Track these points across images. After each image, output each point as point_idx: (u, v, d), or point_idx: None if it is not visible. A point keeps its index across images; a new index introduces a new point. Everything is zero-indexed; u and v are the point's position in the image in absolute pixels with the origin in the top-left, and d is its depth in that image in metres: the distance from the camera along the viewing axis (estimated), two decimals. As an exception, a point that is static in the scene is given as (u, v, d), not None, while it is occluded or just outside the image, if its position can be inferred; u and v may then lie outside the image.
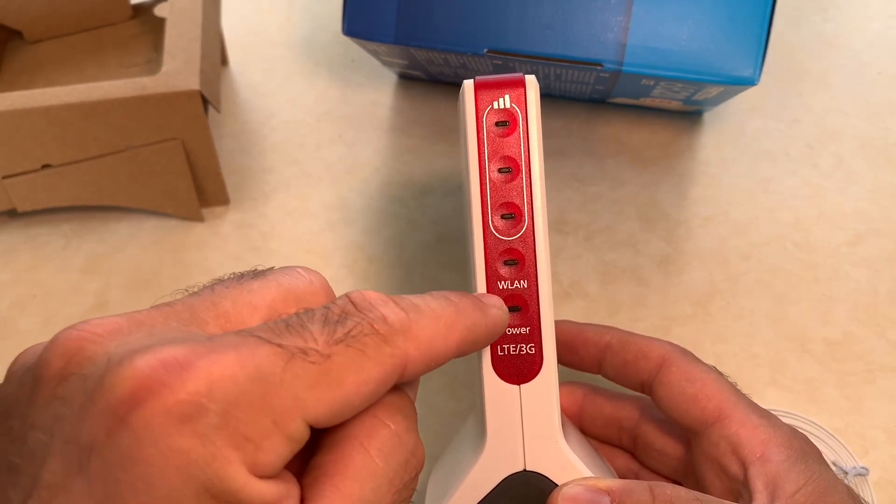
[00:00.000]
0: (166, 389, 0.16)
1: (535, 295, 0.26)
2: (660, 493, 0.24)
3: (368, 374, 0.19)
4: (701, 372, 0.29)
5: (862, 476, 0.35)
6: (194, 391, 0.16)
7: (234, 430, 0.17)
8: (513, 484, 0.27)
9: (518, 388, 0.26)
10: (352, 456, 0.19)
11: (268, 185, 0.48)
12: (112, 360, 0.17)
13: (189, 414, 0.16)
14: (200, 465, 0.16)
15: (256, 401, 0.17)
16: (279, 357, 0.18)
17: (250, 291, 0.20)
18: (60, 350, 0.18)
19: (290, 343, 0.18)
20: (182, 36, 0.44)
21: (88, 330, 0.18)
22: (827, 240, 0.44)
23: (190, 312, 0.19)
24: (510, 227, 0.26)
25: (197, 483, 0.16)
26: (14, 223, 0.47)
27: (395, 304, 0.20)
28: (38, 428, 0.17)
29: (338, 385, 0.18)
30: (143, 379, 0.16)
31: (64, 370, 0.18)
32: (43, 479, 0.17)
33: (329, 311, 0.19)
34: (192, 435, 0.16)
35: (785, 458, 0.26)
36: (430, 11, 0.41)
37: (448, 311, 0.21)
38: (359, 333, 0.19)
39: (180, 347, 0.17)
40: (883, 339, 0.40)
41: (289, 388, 0.17)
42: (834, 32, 0.56)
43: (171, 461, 0.16)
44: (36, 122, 0.41)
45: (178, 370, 0.17)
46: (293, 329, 0.18)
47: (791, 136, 0.50)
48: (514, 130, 0.26)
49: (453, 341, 0.21)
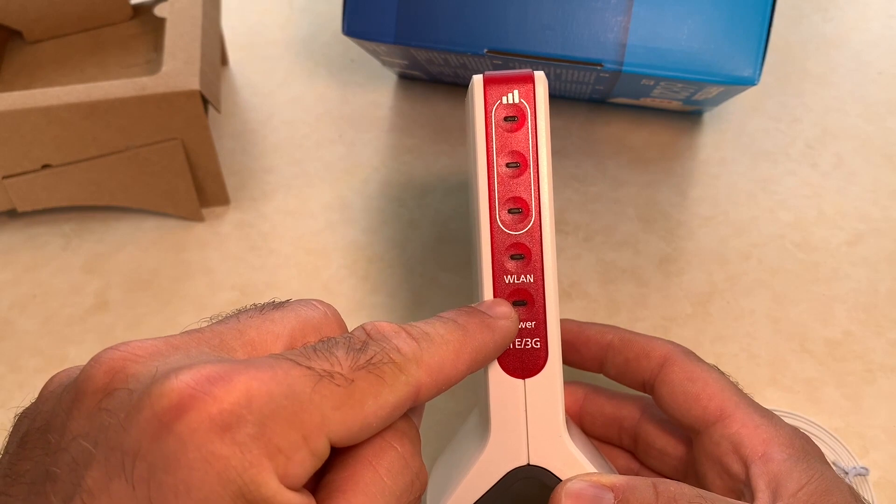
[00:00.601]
0: (210, 399, 0.18)
1: (541, 289, 0.26)
2: (663, 489, 0.24)
3: (386, 399, 0.20)
4: (703, 371, 0.29)
5: (862, 476, 0.35)
6: (235, 402, 0.18)
7: (268, 441, 0.18)
8: (516, 478, 0.27)
9: (523, 382, 0.27)
10: (362, 474, 0.20)
11: (268, 185, 0.48)
12: (157, 375, 0.18)
13: (230, 423, 0.18)
14: (238, 471, 0.17)
15: (289, 416, 0.18)
16: (309, 378, 0.19)
17: (272, 321, 0.22)
18: (105, 367, 0.19)
19: (319, 366, 0.19)
20: (182, 36, 0.44)
21: (130, 351, 0.20)
22: (827, 240, 0.44)
23: (219, 339, 0.21)
24: (517, 222, 0.26)
25: (234, 488, 0.17)
26: (14, 223, 0.47)
27: (406, 334, 0.22)
28: (83, 437, 0.18)
29: (359, 407, 0.20)
30: (188, 390, 0.18)
31: (109, 385, 0.19)
32: (85, 484, 0.18)
33: (351, 340, 0.21)
34: (231, 443, 0.17)
35: (787, 457, 0.26)
36: (430, 11, 0.41)
37: (456, 336, 0.23)
38: (378, 361, 0.20)
39: (220, 365, 0.18)
40: (883, 339, 0.40)
41: (317, 407, 0.19)
42: (834, 32, 0.56)
43: (213, 466, 0.17)
44: (36, 122, 0.40)
45: (221, 383, 0.18)
46: (320, 354, 0.20)
47: (791, 136, 0.50)
48: (523, 125, 0.26)
49: (462, 364, 0.23)
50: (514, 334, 0.26)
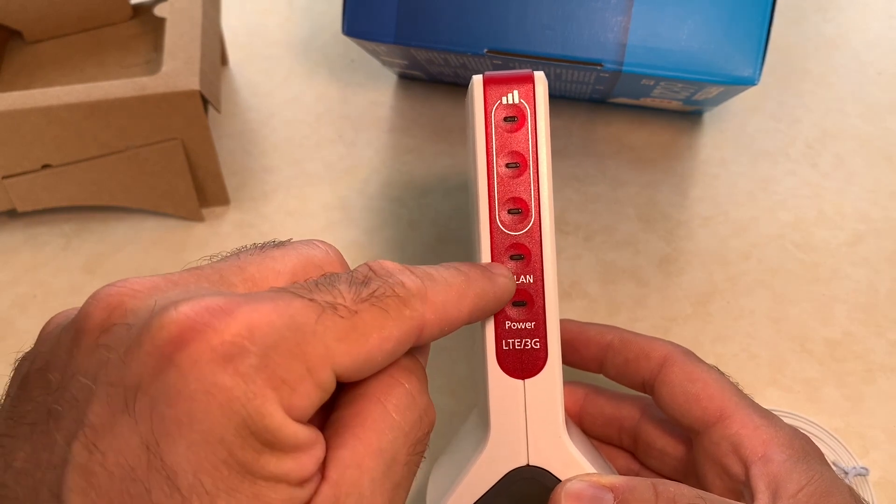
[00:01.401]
0: (211, 330, 0.17)
1: (540, 290, 0.26)
2: (663, 490, 0.24)
3: (390, 332, 0.20)
4: (702, 372, 0.29)
5: (862, 476, 0.35)
6: (237, 333, 0.17)
7: (272, 372, 0.17)
8: (516, 479, 0.27)
9: (522, 382, 0.27)
10: (370, 410, 0.20)
11: (268, 185, 0.48)
12: (156, 309, 0.18)
13: (232, 354, 0.17)
14: (242, 402, 0.17)
15: (292, 347, 0.18)
16: (312, 310, 0.19)
17: (273, 258, 0.21)
18: (102, 304, 0.19)
19: (321, 298, 0.19)
20: (182, 36, 0.44)
21: (128, 286, 0.19)
22: (827, 240, 0.44)
23: (219, 275, 0.21)
24: (517, 223, 0.26)
25: (238, 418, 0.17)
26: (14, 223, 0.47)
27: (410, 272, 0.22)
28: (82, 374, 0.18)
29: (364, 340, 0.19)
30: (189, 321, 0.17)
31: (107, 321, 0.19)
32: (88, 419, 0.17)
33: (354, 274, 0.21)
34: (234, 374, 0.17)
35: (787, 458, 0.26)
36: (430, 11, 0.41)
37: (459, 280, 0.23)
38: (382, 295, 0.20)
39: (220, 298, 0.18)
40: (883, 339, 0.40)
41: (321, 339, 0.18)
42: (834, 32, 0.56)
43: (215, 397, 0.17)
44: (36, 122, 0.40)
45: (222, 314, 0.18)
46: (323, 287, 0.20)
47: (791, 136, 0.50)
48: (523, 126, 0.26)
49: (465, 307, 0.23)
50: (511, 292, 0.26)
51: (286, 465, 0.18)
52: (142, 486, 0.17)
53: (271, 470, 0.18)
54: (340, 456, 0.19)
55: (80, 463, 0.17)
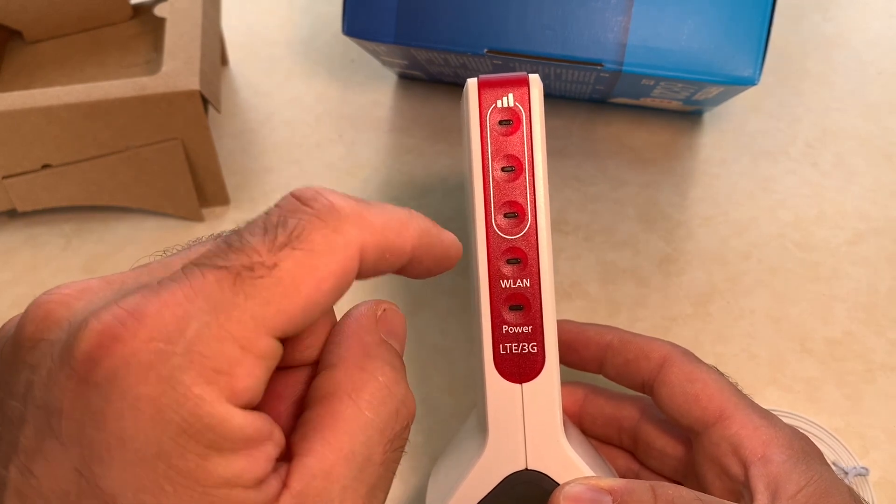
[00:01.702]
0: (121, 343, 0.16)
1: (537, 294, 0.26)
2: (661, 492, 0.24)
3: (323, 270, 0.18)
4: (702, 372, 0.29)
5: (862, 476, 0.35)
6: (149, 337, 0.16)
7: (200, 365, 0.16)
8: (514, 483, 0.27)
9: (520, 386, 0.27)
10: (341, 409, 0.19)
11: (268, 185, 0.48)
12: (73, 324, 0.17)
13: (149, 361, 0.16)
14: (173, 408, 0.16)
15: (216, 331, 0.17)
16: (226, 280, 0.17)
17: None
18: (31, 317, 0.18)
19: (235, 262, 0.17)
20: (182, 36, 0.44)
21: (58, 293, 0.18)
22: (827, 239, 0.44)
23: (165, 269, 0.19)
24: (513, 226, 0.26)
25: (173, 426, 0.16)
26: (14, 223, 0.47)
27: (343, 194, 0.19)
28: (13, 395, 0.17)
29: (295, 292, 0.17)
30: (99, 336, 0.16)
31: (35, 335, 0.18)
32: (20, 443, 0.17)
33: (269, 216, 0.18)
34: (157, 381, 0.16)
35: (786, 458, 0.26)
36: (430, 11, 0.41)
37: (401, 212, 0.21)
38: (302, 231, 0.18)
39: (132, 297, 0.17)
40: (883, 339, 0.40)
41: (244, 310, 0.17)
42: (834, 32, 0.56)
43: (143, 411, 0.16)
44: (36, 122, 0.40)
45: (130, 320, 0.16)
46: (234, 247, 0.18)
47: (791, 136, 0.50)
48: (518, 129, 0.26)
49: (408, 237, 0.20)
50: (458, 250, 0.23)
51: (236, 464, 0.17)
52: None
53: (220, 473, 0.17)
54: (306, 464, 0.18)
55: (16, 488, 0.17)
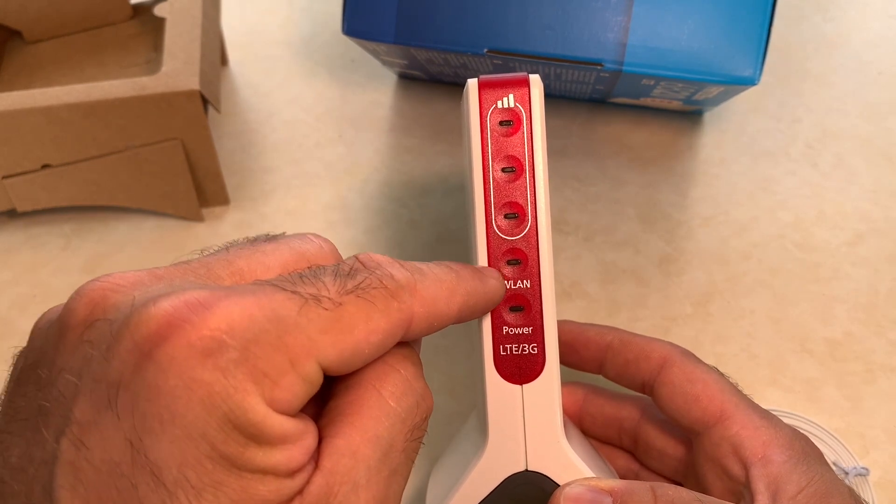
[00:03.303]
0: (189, 325, 0.17)
1: (537, 295, 0.26)
2: (662, 493, 0.24)
3: (377, 323, 0.20)
4: (702, 372, 0.29)
5: (862, 476, 0.35)
6: (216, 327, 0.17)
7: (252, 365, 0.17)
8: (514, 484, 0.27)
9: (520, 387, 0.26)
10: (366, 397, 0.20)
11: (268, 185, 0.48)
12: (136, 304, 0.18)
13: (211, 349, 0.17)
14: (222, 397, 0.17)
15: (273, 340, 0.18)
16: (294, 302, 0.18)
17: (264, 252, 0.21)
18: (85, 299, 0.19)
19: (304, 291, 0.19)
20: (182, 36, 0.44)
21: (111, 281, 0.19)
22: (827, 240, 0.44)
23: (206, 269, 0.20)
24: (513, 227, 0.26)
25: (219, 413, 0.17)
26: (14, 223, 0.47)
27: (400, 265, 0.21)
28: (67, 370, 0.18)
29: (349, 332, 0.19)
30: (167, 317, 0.17)
31: (90, 316, 0.19)
32: (74, 416, 0.18)
33: (340, 266, 0.20)
34: (214, 368, 0.17)
35: (787, 459, 0.26)
36: (430, 11, 0.41)
37: (449, 277, 0.23)
38: (368, 286, 0.20)
39: (201, 291, 0.18)
40: (883, 339, 0.40)
41: (303, 331, 0.18)
42: (834, 32, 0.56)
43: (195, 392, 0.17)
44: (36, 122, 0.40)
45: (201, 309, 0.18)
46: (307, 279, 0.19)
47: (791, 136, 0.50)
48: (518, 130, 0.26)
49: (455, 304, 0.22)
50: (501, 295, 0.26)
51: (274, 457, 0.18)
52: (128, 481, 0.17)
53: (258, 463, 0.18)
54: (335, 444, 0.19)
55: (68, 459, 0.17)
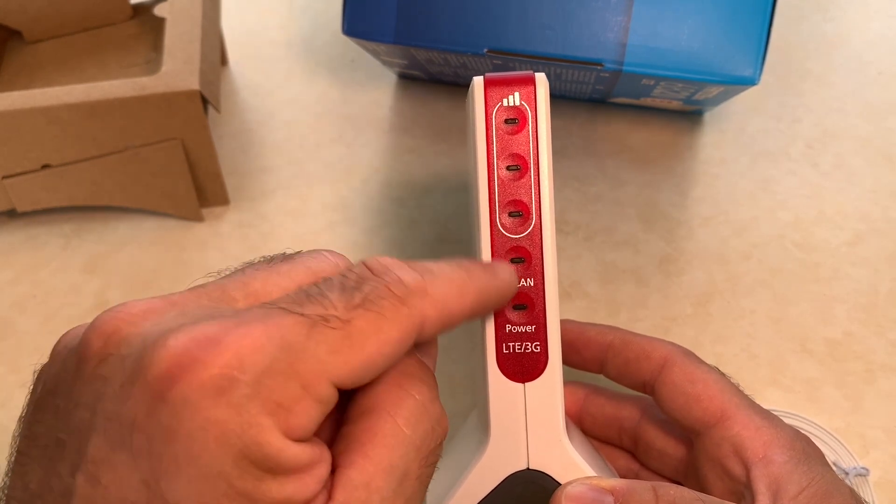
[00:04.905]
0: (200, 365, 0.17)
1: (541, 293, 0.26)
2: (663, 493, 0.24)
3: (388, 334, 0.20)
4: (703, 372, 0.29)
5: (862, 476, 0.35)
6: (226, 365, 0.17)
7: (266, 398, 0.17)
8: (516, 482, 0.27)
9: (523, 386, 0.26)
10: (380, 425, 0.20)
11: (268, 185, 0.48)
12: (147, 341, 0.18)
13: (223, 387, 0.17)
14: (238, 434, 0.17)
15: (285, 368, 0.18)
16: (302, 326, 0.18)
17: (279, 273, 0.21)
18: (99, 332, 0.19)
19: (312, 311, 0.19)
20: (182, 36, 0.44)
21: (125, 311, 0.19)
22: (827, 240, 0.44)
23: (221, 291, 0.20)
24: (517, 225, 0.26)
25: (235, 451, 0.17)
26: (14, 223, 0.47)
27: (410, 267, 0.21)
28: (82, 405, 0.18)
29: (360, 348, 0.19)
30: (177, 357, 0.17)
31: (103, 350, 0.19)
32: (89, 453, 0.18)
33: (346, 278, 0.20)
34: (227, 406, 0.17)
35: (787, 459, 0.26)
36: (430, 11, 0.41)
37: (460, 274, 0.22)
38: (376, 297, 0.20)
39: (210, 324, 0.18)
40: (883, 339, 0.40)
41: (313, 355, 0.18)
42: (834, 32, 0.56)
43: (210, 432, 0.17)
44: (36, 122, 0.40)
45: (210, 346, 0.18)
46: (313, 298, 0.19)
47: (791, 136, 0.50)
48: (524, 128, 0.26)
49: (467, 302, 0.22)
50: (513, 288, 0.26)
51: (288, 488, 0.18)
52: None
53: (274, 496, 0.18)
54: (349, 476, 0.19)
55: (84, 495, 0.17)
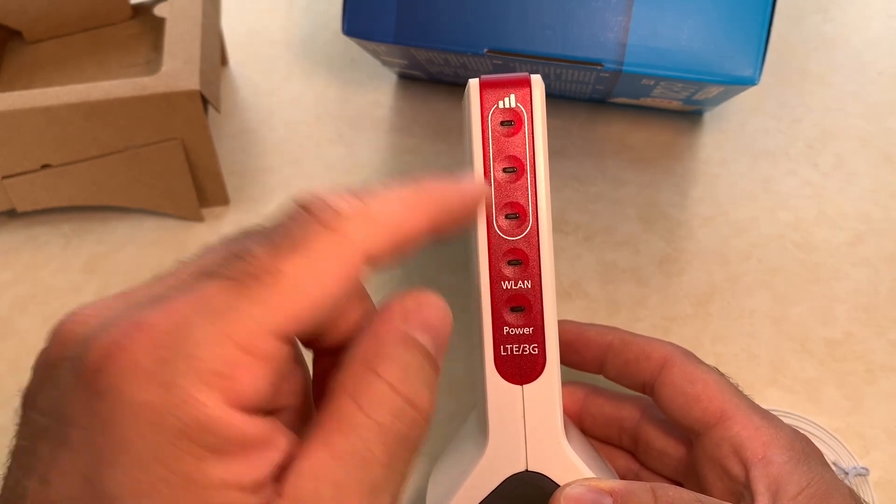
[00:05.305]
0: (123, 351, 0.17)
1: (538, 295, 0.26)
2: (662, 494, 0.24)
3: (327, 274, 0.19)
4: (702, 373, 0.29)
5: (862, 476, 0.35)
6: (150, 346, 0.17)
7: (199, 369, 0.17)
8: (515, 484, 0.27)
9: (521, 388, 0.26)
10: (340, 409, 0.19)
11: (268, 185, 0.48)
12: (87, 338, 0.18)
13: (150, 368, 0.17)
14: (173, 412, 0.17)
15: (216, 335, 0.17)
16: (228, 288, 0.18)
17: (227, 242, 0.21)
18: (56, 337, 0.19)
19: (238, 271, 0.18)
20: (182, 36, 0.44)
21: (79, 313, 0.19)
22: (827, 240, 0.44)
23: (175, 279, 0.20)
24: (514, 227, 0.26)
25: (173, 431, 0.17)
26: (14, 223, 0.47)
27: (348, 195, 0.20)
28: (38, 410, 0.19)
29: (298, 296, 0.18)
30: (105, 348, 0.17)
31: (58, 354, 0.19)
32: (38, 454, 0.18)
33: (274, 226, 0.20)
34: (157, 386, 0.17)
35: (787, 459, 0.26)
36: (430, 11, 0.41)
37: (410, 188, 0.21)
38: (304, 236, 0.19)
39: (139, 309, 0.18)
40: (883, 339, 0.40)
41: (247, 315, 0.18)
42: (834, 32, 0.56)
43: (142, 416, 0.17)
44: (36, 122, 0.40)
45: (133, 330, 0.17)
46: (238, 255, 0.19)
47: (791, 136, 0.50)
48: (520, 130, 0.26)
49: (421, 215, 0.21)
50: (480, 193, 0.24)
51: (234, 467, 0.17)
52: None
53: (218, 475, 0.17)
54: (298, 467, 0.18)
55: (34, 497, 0.18)
